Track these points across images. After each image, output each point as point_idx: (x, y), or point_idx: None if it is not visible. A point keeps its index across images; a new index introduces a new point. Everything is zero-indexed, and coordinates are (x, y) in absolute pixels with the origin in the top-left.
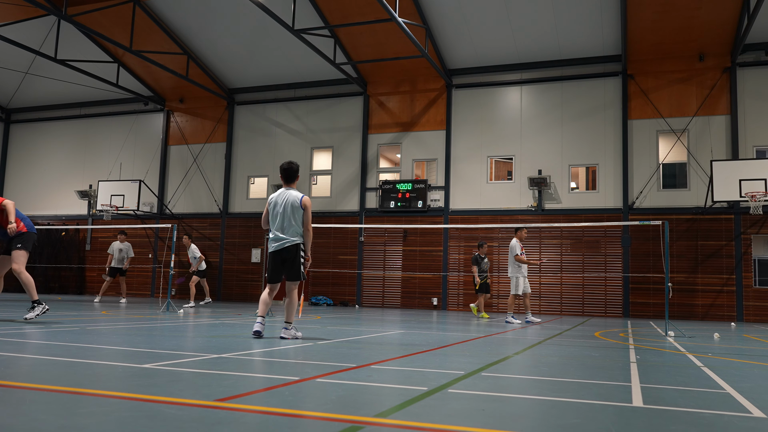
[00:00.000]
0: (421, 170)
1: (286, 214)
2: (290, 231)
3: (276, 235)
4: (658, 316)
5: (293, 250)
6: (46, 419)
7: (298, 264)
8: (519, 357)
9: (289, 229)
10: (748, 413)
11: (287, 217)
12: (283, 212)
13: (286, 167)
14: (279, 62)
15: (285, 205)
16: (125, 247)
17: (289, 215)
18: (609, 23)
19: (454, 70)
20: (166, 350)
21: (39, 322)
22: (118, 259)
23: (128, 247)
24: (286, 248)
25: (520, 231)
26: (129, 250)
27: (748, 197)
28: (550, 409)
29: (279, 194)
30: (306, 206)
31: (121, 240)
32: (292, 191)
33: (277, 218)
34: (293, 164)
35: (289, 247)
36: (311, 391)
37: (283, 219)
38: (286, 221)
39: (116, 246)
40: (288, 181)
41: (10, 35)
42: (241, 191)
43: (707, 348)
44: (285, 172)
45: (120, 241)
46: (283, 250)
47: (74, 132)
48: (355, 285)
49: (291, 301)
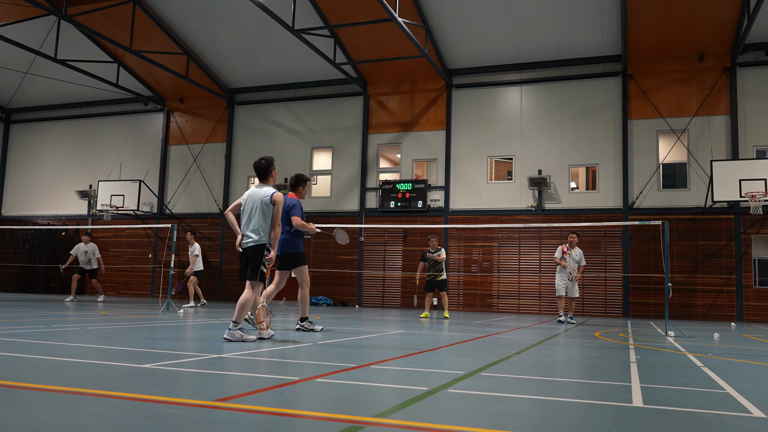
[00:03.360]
0: (421, 170)
1: (255, 212)
2: (255, 229)
3: (244, 233)
4: (658, 316)
5: (256, 249)
6: (46, 419)
7: (258, 264)
8: (519, 357)
9: (254, 226)
10: (748, 413)
11: (255, 214)
12: (251, 209)
13: (256, 164)
14: (279, 62)
15: (254, 202)
16: (90, 248)
17: (257, 212)
18: (609, 23)
19: (454, 70)
20: (166, 350)
21: (39, 322)
22: (83, 261)
23: (94, 249)
24: (249, 247)
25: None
26: (95, 251)
27: (748, 197)
28: (550, 409)
29: (251, 190)
30: (276, 201)
31: (86, 241)
32: (264, 188)
33: (245, 215)
34: (263, 161)
35: (252, 247)
36: (311, 391)
37: (251, 216)
38: (253, 219)
39: (81, 248)
40: (261, 178)
41: (10, 35)
42: (241, 191)
43: (707, 348)
44: (257, 169)
45: (84, 242)
46: (249, 248)
47: (74, 132)
48: (355, 285)
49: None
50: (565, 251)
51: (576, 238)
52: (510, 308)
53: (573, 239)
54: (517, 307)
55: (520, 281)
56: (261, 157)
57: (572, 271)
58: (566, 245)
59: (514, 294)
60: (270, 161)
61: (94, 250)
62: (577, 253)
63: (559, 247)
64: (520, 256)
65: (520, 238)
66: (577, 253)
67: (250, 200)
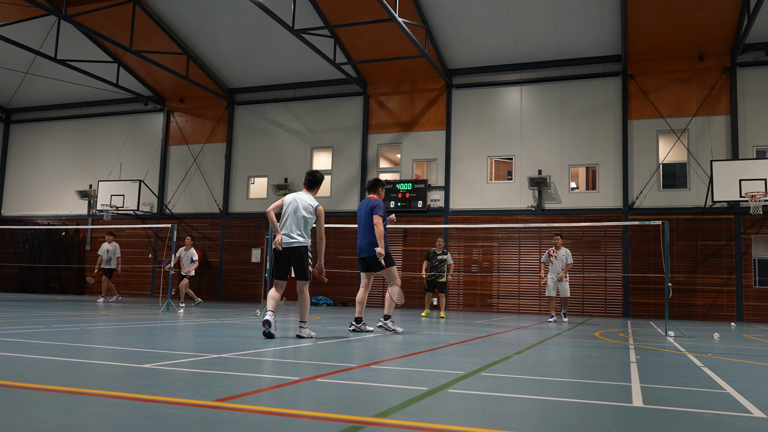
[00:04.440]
0: (421, 170)
1: (299, 215)
2: (299, 232)
3: (287, 233)
4: (658, 316)
5: (302, 250)
6: (46, 419)
7: (306, 264)
8: (519, 357)
9: (297, 230)
10: (748, 413)
11: (299, 218)
12: (294, 212)
13: (311, 173)
14: (279, 62)
15: (298, 207)
16: (112, 247)
17: (301, 217)
18: (609, 23)
19: (454, 70)
20: (166, 350)
21: (39, 322)
22: (105, 260)
23: (115, 248)
24: (294, 248)
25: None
26: (116, 250)
27: (748, 197)
28: (550, 409)
29: (297, 195)
30: (319, 215)
31: (109, 240)
32: (310, 197)
33: (288, 217)
34: (318, 174)
35: (297, 248)
36: (311, 391)
37: (294, 219)
38: (297, 221)
39: (105, 247)
40: (309, 187)
41: (10, 35)
42: (241, 191)
43: (707, 348)
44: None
45: (108, 241)
46: (290, 249)
47: (74, 132)
48: (355, 285)
49: (303, 300)
50: (551, 253)
51: (560, 239)
52: (510, 308)
53: (557, 241)
54: (517, 307)
55: (520, 281)
56: (317, 170)
57: (559, 271)
58: (552, 248)
59: (514, 294)
60: (323, 176)
61: (115, 250)
62: (562, 253)
63: (546, 252)
64: (520, 256)
65: (520, 238)
66: (562, 253)
67: (295, 203)
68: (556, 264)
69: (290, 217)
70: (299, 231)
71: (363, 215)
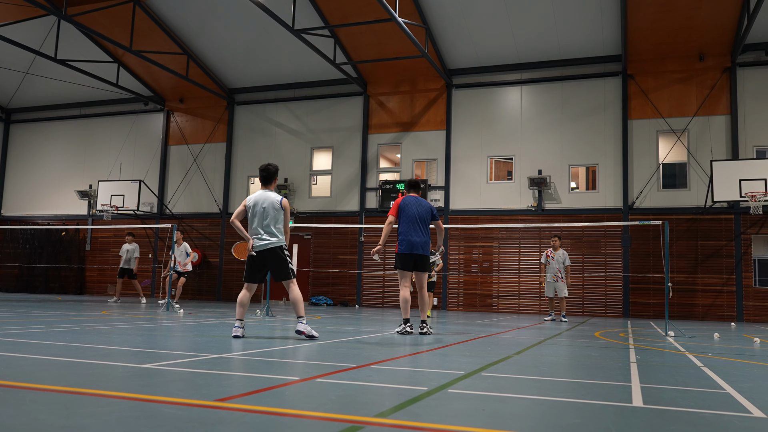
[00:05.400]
0: (421, 170)
1: (268, 215)
2: (272, 232)
3: (259, 236)
4: (658, 316)
5: (278, 250)
6: (46, 419)
7: (286, 263)
8: (519, 357)
9: (269, 230)
10: (748, 413)
11: (269, 217)
12: (263, 212)
13: (264, 169)
14: (279, 62)
15: (267, 206)
16: (131, 248)
17: (271, 216)
18: (609, 23)
19: (454, 70)
20: (166, 350)
21: (39, 322)
22: (125, 260)
23: (134, 248)
24: (269, 250)
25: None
26: (135, 250)
27: (748, 197)
28: (550, 409)
29: (258, 195)
30: (285, 208)
31: (129, 241)
32: (271, 193)
33: (256, 218)
34: (271, 166)
35: (273, 249)
36: (311, 391)
37: (264, 219)
38: (267, 221)
39: (124, 247)
40: (266, 183)
41: (10, 35)
42: (241, 191)
43: (707, 348)
44: (264, 174)
45: (128, 242)
46: (265, 251)
47: (74, 132)
48: (355, 285)
49: (295, 297)
50: (549, 255)
51: (557, 240)
52: (510, 308)
53: (555, 242)
54: (517, 307)
55: (520, 281)
56: (269, 163)
57: (557, 273)
58: (550, 249)
59: (514, 294)
60: (277, 168)
61: (134, 250)
62: (560, 254)
63: (544, 253)
64: (520, 256)
65: (520, 238)
66: (560, 254)
67: (261, 204)
68: (553, 265)
69: (258, 219)
70: (270, 230)
71: (420, 212)
